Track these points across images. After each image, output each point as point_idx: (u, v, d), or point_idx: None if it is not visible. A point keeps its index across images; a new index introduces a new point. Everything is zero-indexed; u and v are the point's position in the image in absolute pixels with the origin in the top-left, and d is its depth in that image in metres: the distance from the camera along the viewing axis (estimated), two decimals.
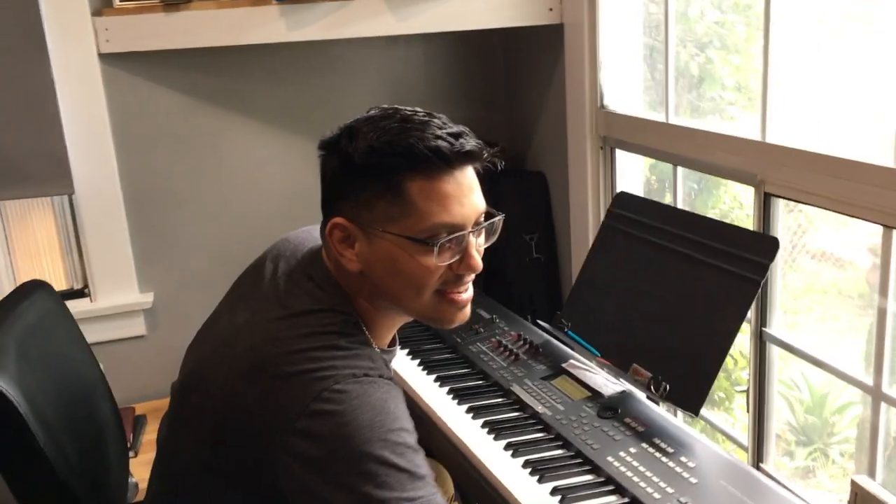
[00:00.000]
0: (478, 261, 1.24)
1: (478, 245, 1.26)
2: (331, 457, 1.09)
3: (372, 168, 1.18)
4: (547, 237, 2.68)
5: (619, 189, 2.29)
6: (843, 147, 1.57)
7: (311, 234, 1.40)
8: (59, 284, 2.54)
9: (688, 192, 2.26)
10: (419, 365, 2.02)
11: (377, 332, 1.29)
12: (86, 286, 2.54)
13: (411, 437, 1.13)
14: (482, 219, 1.25)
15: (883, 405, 1.52)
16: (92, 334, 1.89)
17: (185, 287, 2.63)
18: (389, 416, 1.11)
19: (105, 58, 2.44)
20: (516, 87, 2.79)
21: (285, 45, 2.52)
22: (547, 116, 2.59)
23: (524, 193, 2.69)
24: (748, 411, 1.84)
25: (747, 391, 1.84)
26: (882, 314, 1.49)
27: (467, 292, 1.27)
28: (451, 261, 1.22)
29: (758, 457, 1.85)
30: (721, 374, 1.71)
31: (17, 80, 2.33)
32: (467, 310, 1.29)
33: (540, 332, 2.08)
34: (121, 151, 2.51)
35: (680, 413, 1.82)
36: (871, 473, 1.55)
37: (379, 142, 1.18)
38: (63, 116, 2.39)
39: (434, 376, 1.95)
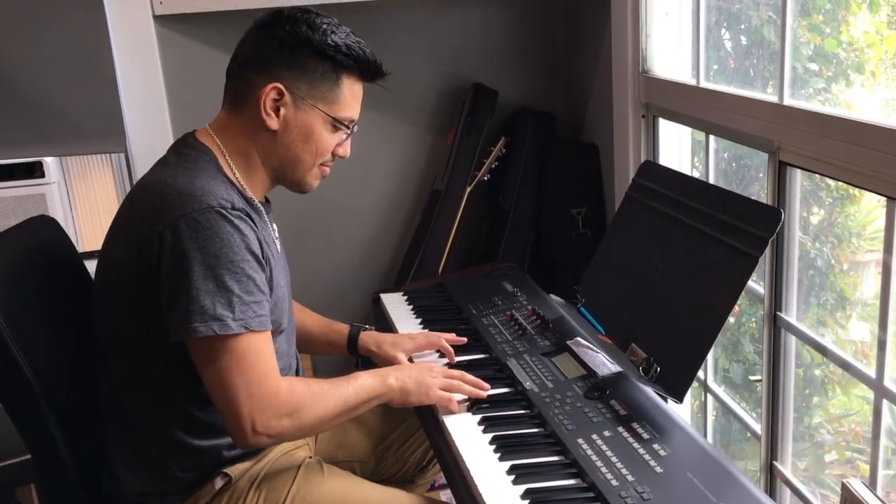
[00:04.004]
0: (350, 149, 1.59)
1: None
2: (193, 257, 1.32)
3: (330, 58, 1.47)
4: (596, 212, 2.55)
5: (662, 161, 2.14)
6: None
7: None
8: None
9: None
10: None
11: (254, 184, 1.53)
12: None
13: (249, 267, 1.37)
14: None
15: (885, 403, 1.34)
16: None
17: None
18: (234, 248, 1.35)
19: (160, 19, 2.49)
20: (574, 55, 2.66)
21: (337, 7, 2.50)
22: (599, 84, 2.46)
23: (575, 165, 2.57)
24: (762, 404, 1.67)
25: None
26: (885, 298, 1.31)
27: (329, 170, 1.61)
28: (338, 144, 1.55)
29: (771, 453, 1.68)
30: None
31: (74, 41, 2.43)
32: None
33: (559, 308, 1.97)
34: (175, 112, 2.57)
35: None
36: (874, 477, 1.37)
37: (343, 42, 1.48)
38: (119, 77, 2.47)
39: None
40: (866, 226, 2.61)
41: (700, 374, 2.13)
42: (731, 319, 2.61)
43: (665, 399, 1.54)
